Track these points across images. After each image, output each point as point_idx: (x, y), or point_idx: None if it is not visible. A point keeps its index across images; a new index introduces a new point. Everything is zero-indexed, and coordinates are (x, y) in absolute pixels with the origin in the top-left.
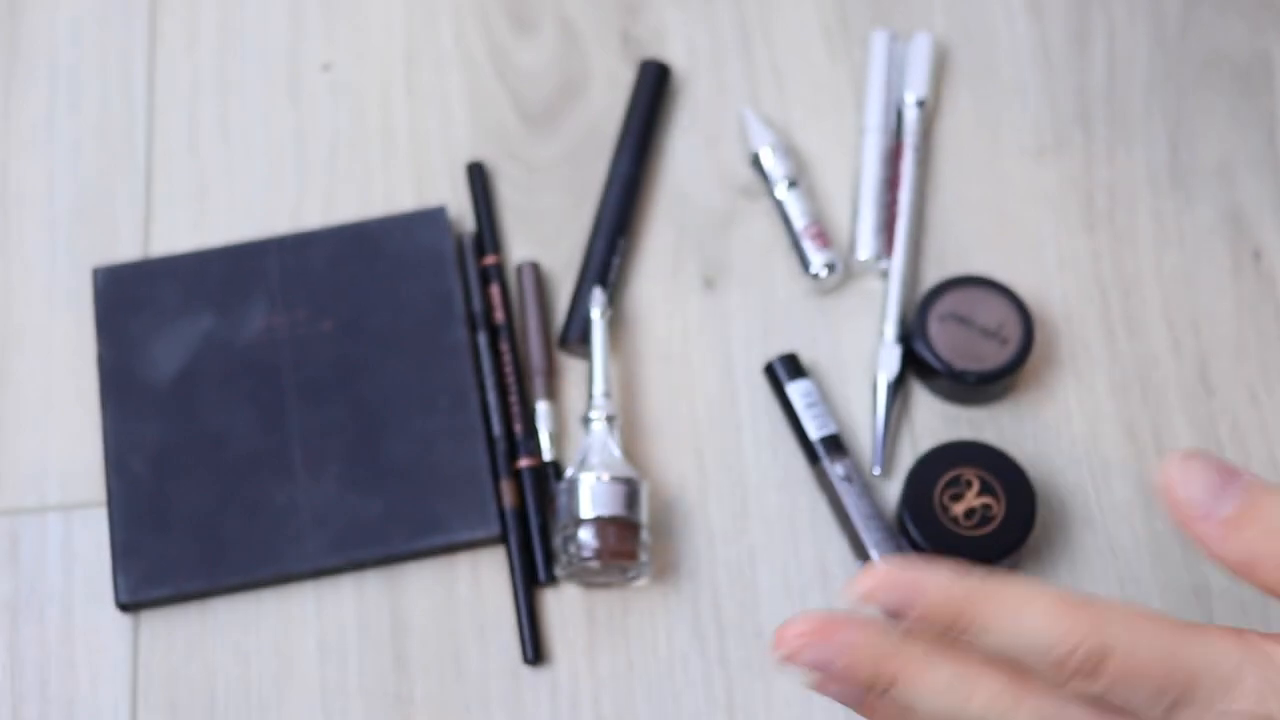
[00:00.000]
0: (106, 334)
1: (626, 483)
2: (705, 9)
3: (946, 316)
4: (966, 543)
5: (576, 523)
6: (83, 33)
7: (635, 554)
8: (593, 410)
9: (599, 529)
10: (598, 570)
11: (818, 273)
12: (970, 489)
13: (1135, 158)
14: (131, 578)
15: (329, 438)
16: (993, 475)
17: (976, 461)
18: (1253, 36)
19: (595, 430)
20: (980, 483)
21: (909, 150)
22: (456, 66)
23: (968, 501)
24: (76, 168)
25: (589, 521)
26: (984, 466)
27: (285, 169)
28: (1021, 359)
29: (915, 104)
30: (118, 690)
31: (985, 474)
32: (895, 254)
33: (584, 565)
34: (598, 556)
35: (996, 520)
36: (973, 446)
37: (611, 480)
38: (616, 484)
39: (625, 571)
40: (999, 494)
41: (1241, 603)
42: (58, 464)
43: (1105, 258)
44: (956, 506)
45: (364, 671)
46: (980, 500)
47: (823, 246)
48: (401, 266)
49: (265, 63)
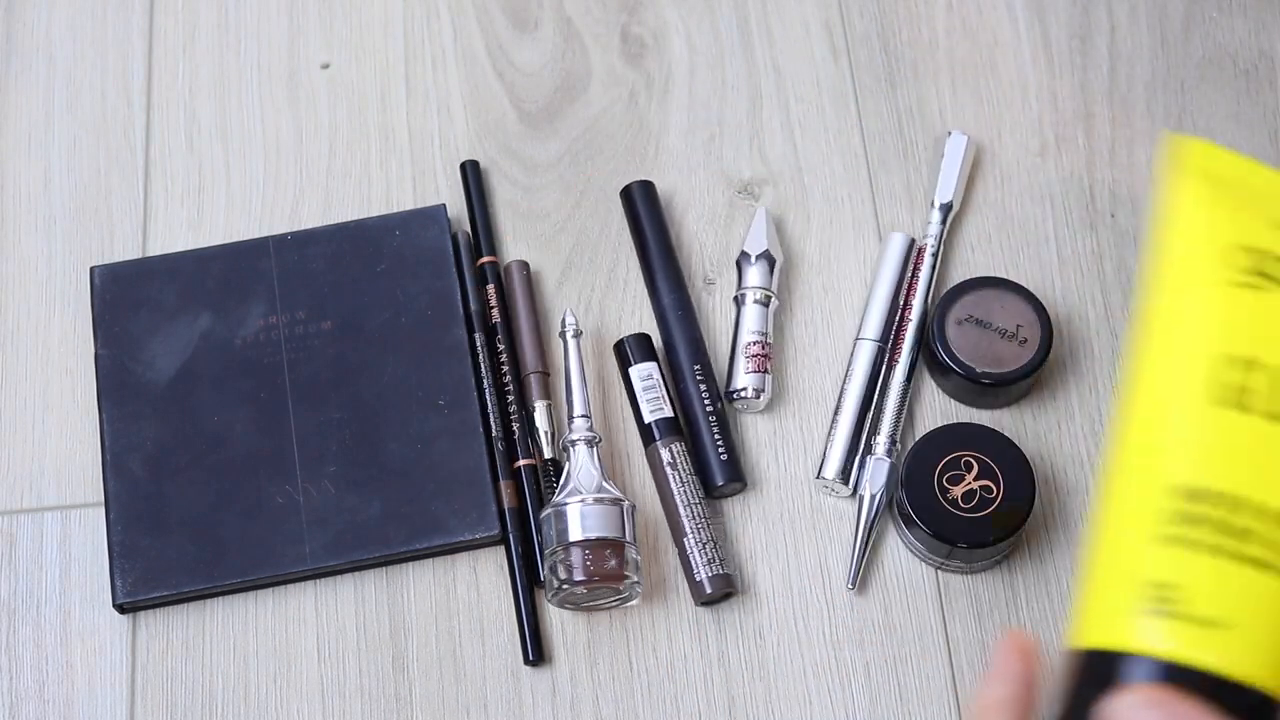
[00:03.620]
0: (104, 333)
1: (613, 503)
2: (705, 7)
3: (965, 319)
4: (965, 525)
5: (565, 547)
6: (80, 31)
7: (623, 575)
8: (573, 433)
9: (586, 551)
10: (585, 595)
11: (736, 391)
12: (970, 472)
13: (1137, 156)
14: (129, 578)
15: (328, 438)
16: (992, 458)
17: (976, 445)
18: (1255, 35)
19: (578, 453)
20: (980, 466)
21: (928, 255)
22: (456, 65)
23: (967, 484)
24: (74, 166)
25: (577, 544)
26: (983, 450)
27: (284, 168)
28: (1041, 361)
29: (941, 207)
30: (116, 691)
31: (985, 457)
32: (900, 362)
33: (573, 590)
34: (588, 578)
35: (995, 503)
36: (973, 429)
37: (596, 502)
38: (602, 506)
39: (617, 593)
40: (998, 477)
41: None
42: (55, 464)
43: (1107, 256)
44: (956, 489)
45: (363, 672)
46: (979, 483)
47: (757, 370)
48: (401, 266)
49: (264, 61)
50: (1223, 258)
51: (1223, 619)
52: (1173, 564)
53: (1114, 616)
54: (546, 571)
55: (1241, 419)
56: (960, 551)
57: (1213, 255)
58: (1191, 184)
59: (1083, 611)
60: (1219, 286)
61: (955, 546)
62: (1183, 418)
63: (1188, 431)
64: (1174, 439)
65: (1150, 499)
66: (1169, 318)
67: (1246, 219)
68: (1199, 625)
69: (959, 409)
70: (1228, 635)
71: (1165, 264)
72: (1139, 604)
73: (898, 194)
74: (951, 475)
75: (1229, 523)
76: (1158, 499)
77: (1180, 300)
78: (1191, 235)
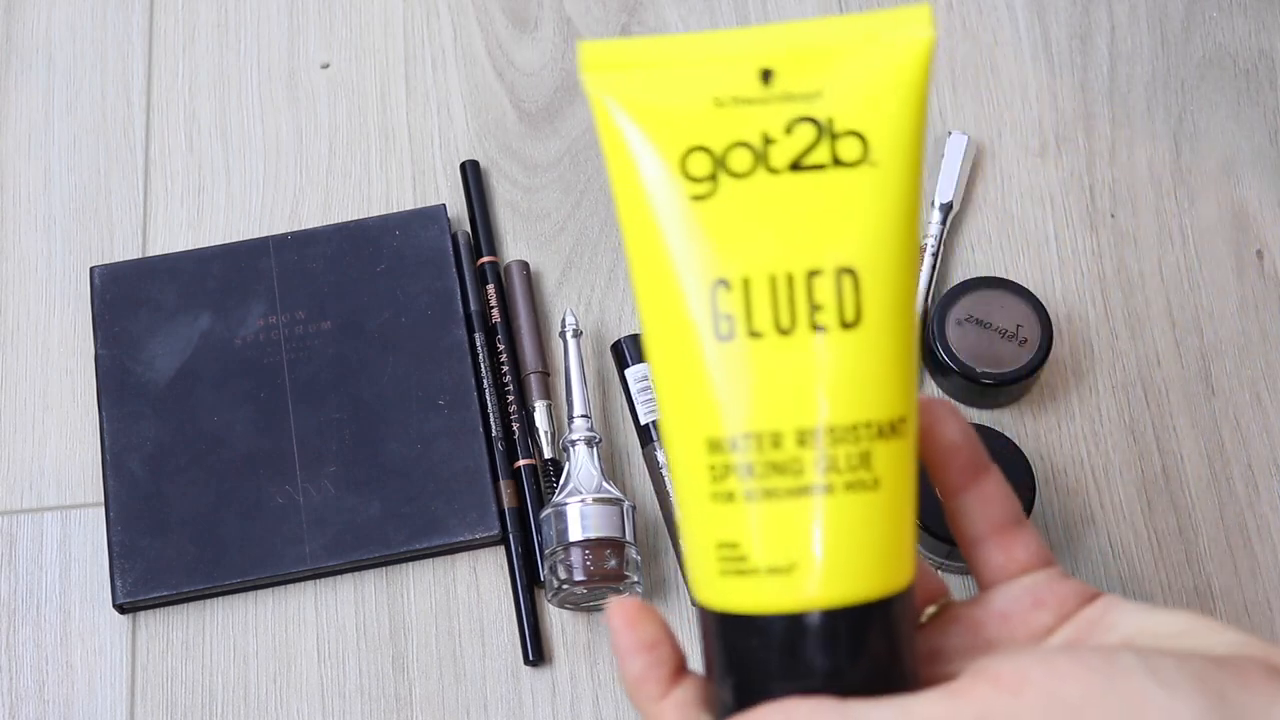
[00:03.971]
0: (104, 333)
1: (613, 503)
2: (705, 7)
3: (965, 319)
4: None
5: (565, 548)
6: (80, 31)
7: (623, 575)
8: (573, 433)
9: (586, 551)
10: (585, 595)
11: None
12: None
13: (1137, 156)
14: (129, 579)
15: (327, 438)
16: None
17: None
18: (1255, 35)
19: (578, 453)
20: None
21: (928, 255)
22: (456, 65)
23: None
24: (74, 166)
25: (577, 544)
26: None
27: (284, 168)
28: (1041, 361)
29: (941, 207)
30: (116, 691)
31: None
32: None
33: (573, 590)
34: (588, 578)
35: None
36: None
37: (596, 502)
38: (602, 506)
39: (617, 593)
40: None
41: (1245, 604)
42: (54, 464)
43: (1107, 256)
44: None
45: (363, 672)
46: None
47: None
48: (401, 265)
49: (264, 61)
50: (673, 172)
51: (792, 563)
52: (730, 522)
53: (705, 579)
54: (546, 571)
55: (732, 349)
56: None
57: (661, 176)
58: (617, 99)
59: (689, 571)
60: (677, 208)
61: (955, 546)
62: (689, 366)
63: (699, 379)
64: (691, 391)
65: (697, 458)
66: (646, 261)
67: (685, 116)
68: (771, 575)
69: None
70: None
71: (623, 202)
72: (716, 566)
73: None
74: None
75: (775, 461)
76: (703, 457)
77: (648, 237)
78: (634, 162)
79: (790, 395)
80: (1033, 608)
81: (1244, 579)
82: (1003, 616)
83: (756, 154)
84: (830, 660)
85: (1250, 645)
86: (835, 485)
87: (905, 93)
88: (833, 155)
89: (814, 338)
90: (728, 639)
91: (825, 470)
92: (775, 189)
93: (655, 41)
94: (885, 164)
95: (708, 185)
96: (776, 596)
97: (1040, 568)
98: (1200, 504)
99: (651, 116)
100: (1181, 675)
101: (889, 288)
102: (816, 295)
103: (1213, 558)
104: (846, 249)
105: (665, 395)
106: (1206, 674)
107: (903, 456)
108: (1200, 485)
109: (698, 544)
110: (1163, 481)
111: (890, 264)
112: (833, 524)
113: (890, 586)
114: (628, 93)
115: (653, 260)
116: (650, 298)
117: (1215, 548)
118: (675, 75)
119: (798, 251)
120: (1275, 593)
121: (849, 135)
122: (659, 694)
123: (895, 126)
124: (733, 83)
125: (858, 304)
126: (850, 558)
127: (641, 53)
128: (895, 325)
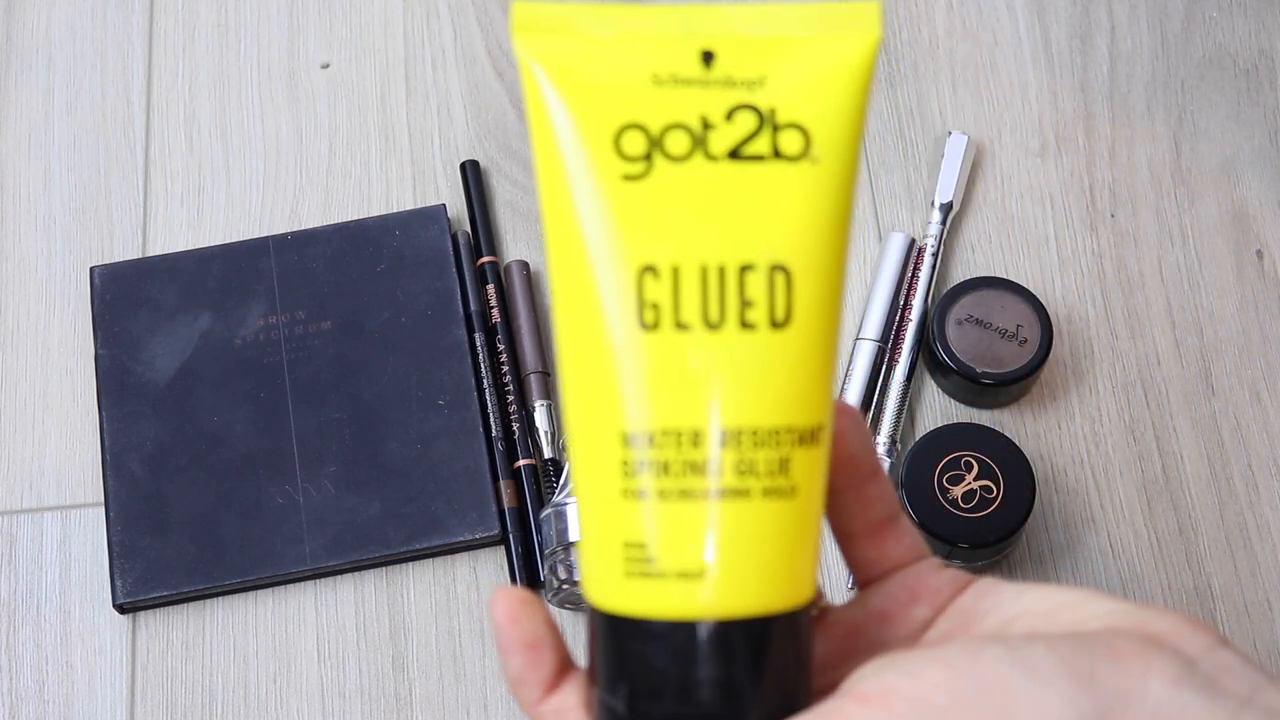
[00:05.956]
0: (104, 333)
1: None
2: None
3: (965, 319)
4: (965, 525)
5: (565, 547)
6: (80, 31)
7: None
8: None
9: None
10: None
11: None
12: (970, 472)
13: (1137, 156)
14: (129, 579)
15: (327, 438)
16: (992, 458)
17: (976, 445)
18: (1255, 35)
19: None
20: (979, 466)
21: (928, 255)
22: (456, 65)
23: (967, 484)
24: (74, 166)
25: (577, 544)
26: (983, 450)
27: (284, 168)
28: (1041, 361)
29: (941, 207)
30: (116, 691)
31: (985, 457)
32: (900, 362)
33: (573, 590)
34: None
35: (995, 503)
36: (973, 429)
37: None
38: None
39: None
40: (998, 477)
41: (1245, 604)
42: (54, 464)
43: (1107, 257)
44: (956, 489)
45: (363, 672)
46: (979, 483)
47: None
48: (401, 266)
49: (264, 61)
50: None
51: (702, 568)
52: (641, 521)
53: (606, 579)
54: (546, 571)
55: (657, 339)
56: (960, 551)
57: (592, 150)
58: (545, 65)
59: (585, 570)
60: (607, 186)
61: (955, 546)
62: (608, 353)
63: (617, 367)
64: (607, 379)
65: (609, 451)
66: (567, 239)
67: (621, 90)
68: (680, 579)
69: (959, 409)
70: (713, 582)
71: (545, 175)
72: (620, 566)
73: (898, 194)
74: (951, 475)
75: (693, 461)
76: (616, 451)
77: (572, 215)
78: (560, 133)
79: (714, 392)
80: (909, 603)
81: (1244, 579)
82: (881, 616)
83: (695, 138)
84: (728, 672)
85: (1122, 614)
86: (753, 490)
87: (850, 90)
88: (773, 147)
89: (742, 335)
90: (625, 644)
91: (744, 474)
92: (713, 176)
93: (594, 10)
94: (826, 161)
95: (642, 165)
96: (683, 602)
97: (914, 561)
98: (1200, 504)
99: (585, 87)
100: (1049, 662)
101: (820, 289)
102: (748, 291)
103: (1213, 558)
104: (783, 246)
105: (577, 383)
106: (1075, 657)
107: (818, 465)
108: (1200, 485)
109: (602, 542)
110: (1163, 481)
111: (824, 265)
112: (748, 530)
113: (799, 598)
114: (560, 59)
115: (574, 239)
116: (569, 279)
117: (1215, 548)
118: (613, 46)
119: (732, 243)
120: (1275, 593)
121: (791, 128)
122: (537, 697)
123: (839, 124)
124: (673, 61)
125: (789, 304)
126: (764, 566)
127: (579, 19)
128: (822, 329)
